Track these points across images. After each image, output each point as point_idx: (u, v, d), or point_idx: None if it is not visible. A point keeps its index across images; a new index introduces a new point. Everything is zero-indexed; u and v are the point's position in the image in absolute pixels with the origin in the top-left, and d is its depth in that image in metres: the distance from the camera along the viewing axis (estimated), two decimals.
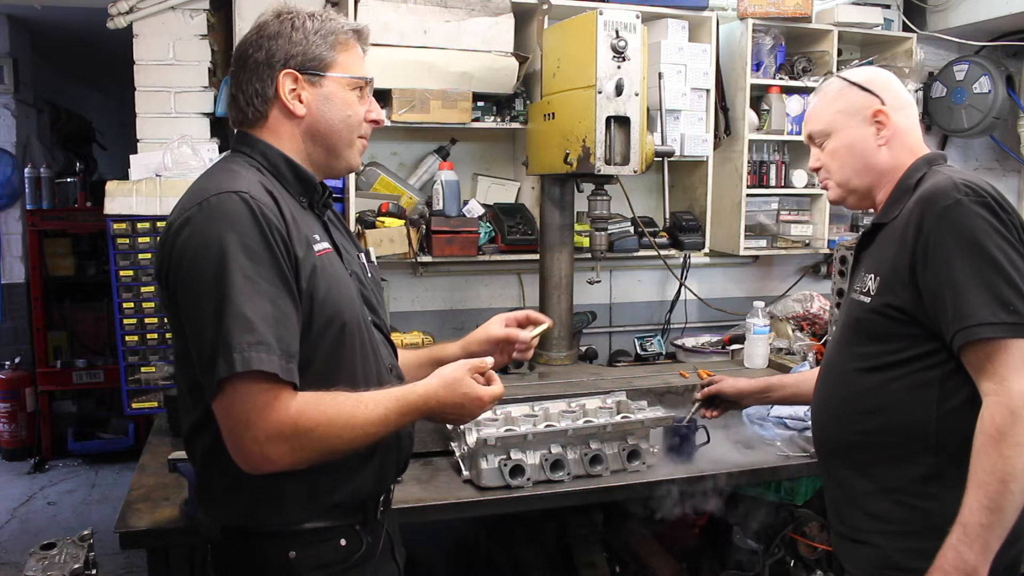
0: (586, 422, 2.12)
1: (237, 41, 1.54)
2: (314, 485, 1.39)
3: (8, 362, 5.10)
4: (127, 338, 2.72)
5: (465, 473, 2.10)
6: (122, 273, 2.70)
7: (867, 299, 1.58)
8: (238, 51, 1.46)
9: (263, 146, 1.45)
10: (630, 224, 3.25)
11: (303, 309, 1.34)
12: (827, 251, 3.55)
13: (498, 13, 2.96)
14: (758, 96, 3.44)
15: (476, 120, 2.99)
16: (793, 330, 3.18)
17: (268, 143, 1.45)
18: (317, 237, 1.42)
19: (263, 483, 1.33)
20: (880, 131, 1.64)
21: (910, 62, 3.56)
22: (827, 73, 3.36)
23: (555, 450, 2.10)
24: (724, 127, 3.40)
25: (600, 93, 2.48)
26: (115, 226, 2.67)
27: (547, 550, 2.73)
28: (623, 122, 2.54)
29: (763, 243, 3.49)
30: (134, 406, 2.76)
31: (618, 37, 2.48)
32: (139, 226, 2.69)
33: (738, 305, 3.58)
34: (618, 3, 2.98)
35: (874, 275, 1.58)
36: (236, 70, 1.46)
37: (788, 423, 2.48)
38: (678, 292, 3.58)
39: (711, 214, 3.36)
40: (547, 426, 2.08)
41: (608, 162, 2.53)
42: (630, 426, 2.16)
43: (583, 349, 3.17)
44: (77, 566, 1.76)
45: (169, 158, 2.76)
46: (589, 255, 2.91)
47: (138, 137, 2.98)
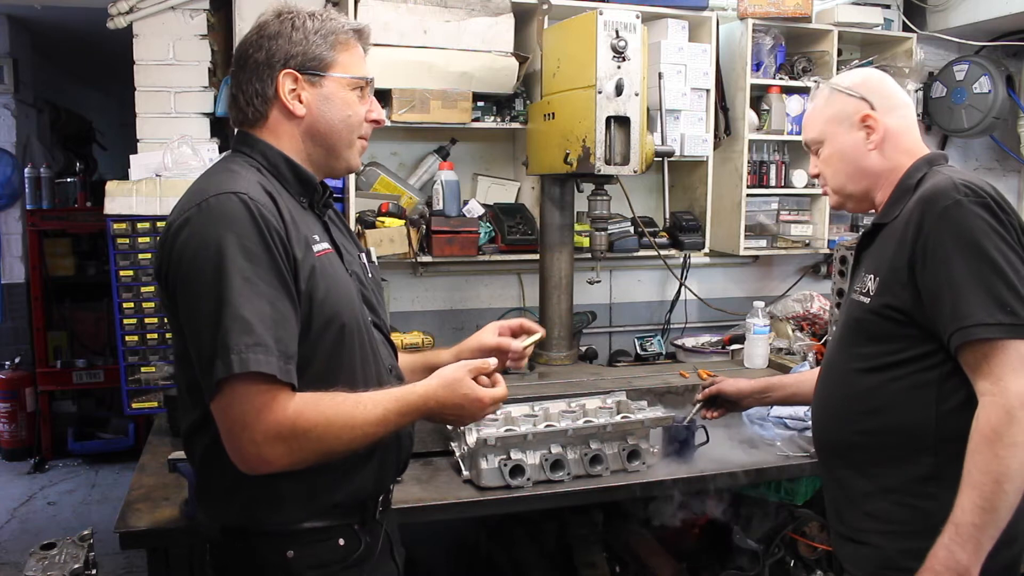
0: (586, 422, 2.12)
1: (237, 41, 1.54)
2: (313, 485, 1.39)
3: (8, 362, 5.10)
4: (127, 338, 2.72)
5: (465, 473, 2.10)
6: (122, 273, 2.70)
7: (866, 300, 1.58)
8: (239, 51, 1.46)
9: (263, 146, 1.45)
10: (630, 224, 3.25)
11: (302, 310, 1.34)
12: (827, 251, 3.55)
13: (498, 13, 2.96)
14: (758, 96, 3.44)
15: (476, 120, 2.99)
16: (793, 330, 3.17)
17: (268, 143, 1.45)
18: (316, 237, 1.42)
19: (262, 483, 1.33)
20: (870, 135, 1.64)
21: (910, 62, 3.56)
22: (816, 81, 3.35)
23: (555, 450, 2.10)
24: (724, 127, 3.40)
25: (600, 93, 2.48)
26: (115, 226, 2.68)
27: (547, 550, 2.73)
28: (623, 122, 2.53)
29: (763, 243, 3.48)
30: (134, 406, 2.76)
31: (618, 37, 2.48)
32: (139, 226, 2.69)
33: (738, 305, 3.58)
34: (618, 3, 2.98)
35: (874, 275, 1.58)
36: (236, 70, 1.46)
37: (788, 423, 2.49)
38: (678, 292, 3.58)
39: (711, 214, 3.36)
40: (547, 426, 2.08)
41: (608, 162, 2.53)
42: (630, 426, 2.16)
43: (583, 349, 3.17)
44: (77, 566, 1.76)
45: (169, 158, 2.76)
46: (589, 255, 2.91)
47: (138, 137, 2.98)
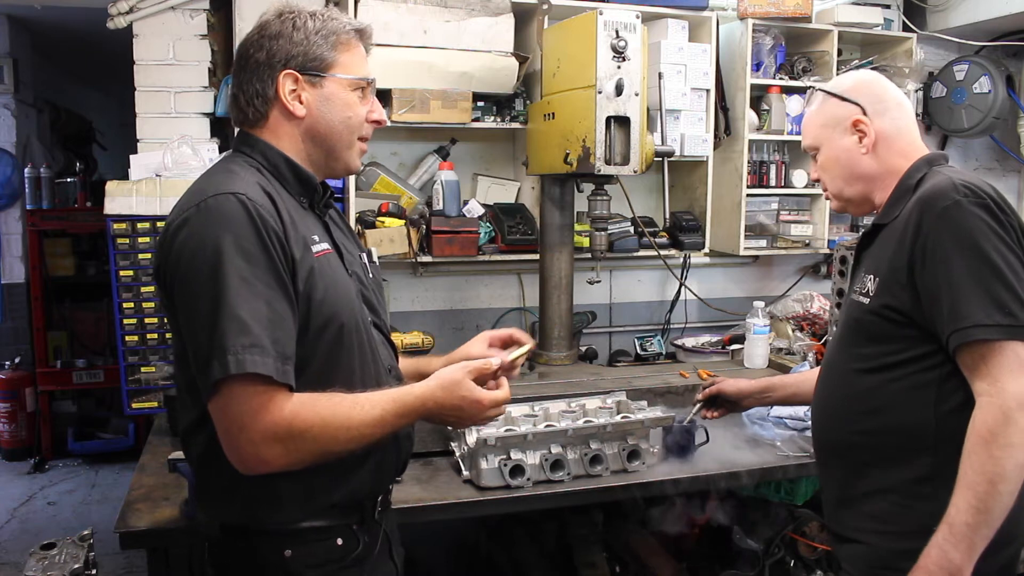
0: (586, 422, 2.12)
1: (237, 41, 1.54)
2: (310, 485, 1.39)
3: (8, 362, 5.10)
4: (127, 338, 2.72)
5: (465, 473, 2.10)
6: (122, 273, 2.70)
7: (866, 300, 1.58)
8: (240, 50, 1.46)
9: (263, 146, 1.45)
10: (630, 224, 3.25)
11: (300, 311, 1.34)
12: (827, 251, 3.55)
13: (498, 13, 2.96)
14: (758, 96, 3.44)
15: (476, 120, 2.99)
16: (793, 330, 3.17)
17: (268, 143, 1.45)
18: (316, 238, 1.41)
19: (260, 483, 1.33)
20: (862, 140, 1.64)
21: (910, 62, 3.56)
22: (811, 86, 3.35)
23: (555, 450, 2.10)
24: (724, 127, 3.40)
25: (600, 93, 2.48)
26: (115, 226, 2.68)
27: (547, 550, 2.73)
28: (623, 122, 2.53)
29: (763, 243, 3.48)
30: (134, 406, 2.76)
31: (618, 37, 2.48)
32: (139, 226, 2.69)
33: (738, 305, 3.58)
34: (618, 3, 2.98)
35: (873, 276, 1.58)
36: (237, 70, 1.46)
37: (788, 423, 2.49)
38: (678, 292, 3.58)
39: (711, 214, 3.36)
40: (547, 426, 2.08)
41: (608, 162, 2.53)
42: (630, 426, 2.16)
43: (583, 349, 3.17)
44: (77, 566, 1.76)
45: (169, 158, 2.76)
46: (589, 255, 2.91)
47: (138, 137, 2.98)
